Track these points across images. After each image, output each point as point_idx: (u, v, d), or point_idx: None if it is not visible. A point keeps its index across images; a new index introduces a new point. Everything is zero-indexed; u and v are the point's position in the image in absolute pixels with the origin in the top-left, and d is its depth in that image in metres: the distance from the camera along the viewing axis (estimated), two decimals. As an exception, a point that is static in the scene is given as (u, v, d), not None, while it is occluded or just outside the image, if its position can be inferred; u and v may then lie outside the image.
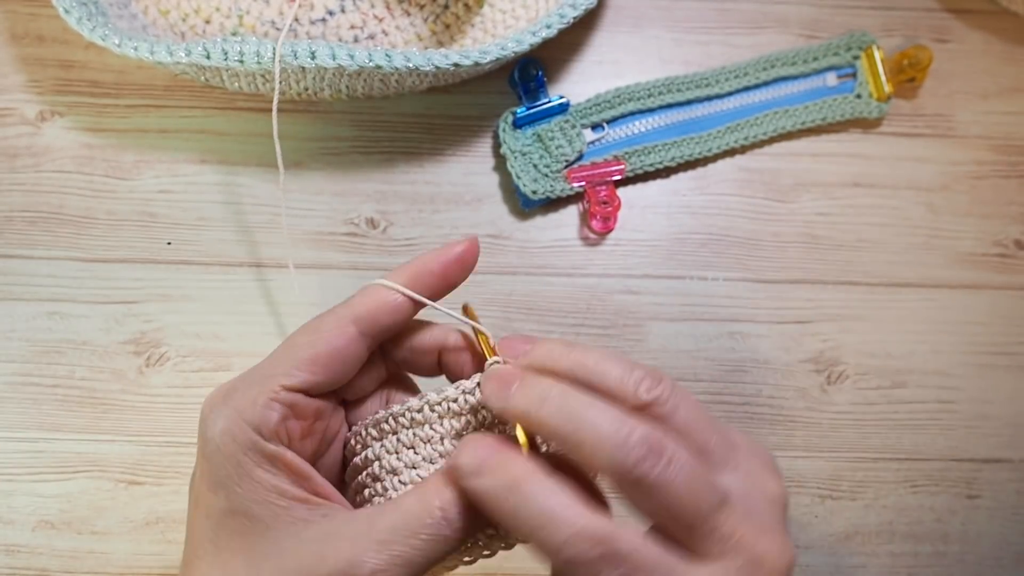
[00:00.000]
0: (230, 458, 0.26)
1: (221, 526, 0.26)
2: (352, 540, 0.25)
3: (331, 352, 0.28)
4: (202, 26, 0.49)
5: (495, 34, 0.51)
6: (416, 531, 0.25)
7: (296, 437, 0.28)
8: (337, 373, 0.28)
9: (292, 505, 0.26)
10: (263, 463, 0.26)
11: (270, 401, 0.26)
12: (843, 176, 0.51)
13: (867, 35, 0.51)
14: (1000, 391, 0.50)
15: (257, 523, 0.26)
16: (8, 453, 0.46)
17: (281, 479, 0.26)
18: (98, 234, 0.48)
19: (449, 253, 0.30)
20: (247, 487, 0.26)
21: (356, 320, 0.28)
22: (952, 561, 0.48)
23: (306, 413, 0.28)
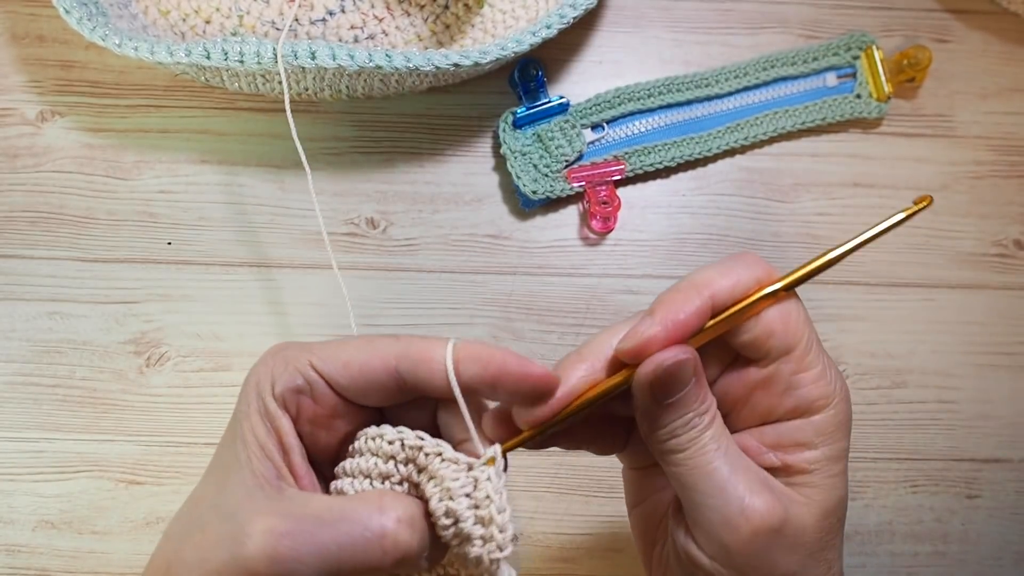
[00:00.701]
0: (247, 397, 0.28)
1: (221, 453, 0.28)
2: (281, 508, 0.26)
3: (364, 368, 0.28)
4: (202, 26, 0.49)
5: (495, 34, 0.51)
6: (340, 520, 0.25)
7: (307, 417, 0.28)
8: (361, 387, 0.28)
9: (265, 461, 0.27)
10: (264, 415, 0.27)
11: (295, 369, 0.28)
12: (843, 176, 0.51)
13: (867, 35, 0.51)
14: (1000, 391, 0.50)
15: (236, 463, 0.27)
16: (8, 453, 0.46)
17: (269, 438, 0.27)
18: (98, 234, 0.48)
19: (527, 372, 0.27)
20: (244, 425, 0.27)
21: (400, 357, 0.28)
22: (952, 561, 0.48)
23: (323, 402, 0.28)
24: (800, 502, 0.28)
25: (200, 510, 0.27)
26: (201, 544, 0.25)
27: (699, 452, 0.28)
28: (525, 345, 0.48)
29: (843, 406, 0.29)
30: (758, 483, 0.28)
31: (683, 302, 0.27)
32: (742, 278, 0.28)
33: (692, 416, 0.28)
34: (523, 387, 0.27)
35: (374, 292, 0.48)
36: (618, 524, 0.47)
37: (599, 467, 0.48)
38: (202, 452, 0.46)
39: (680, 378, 0.27)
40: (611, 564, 0.47)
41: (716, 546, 0.28)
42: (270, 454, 0.27)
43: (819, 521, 0.28)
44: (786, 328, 0.28)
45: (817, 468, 0.29)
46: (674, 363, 0.27)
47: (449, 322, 0.48)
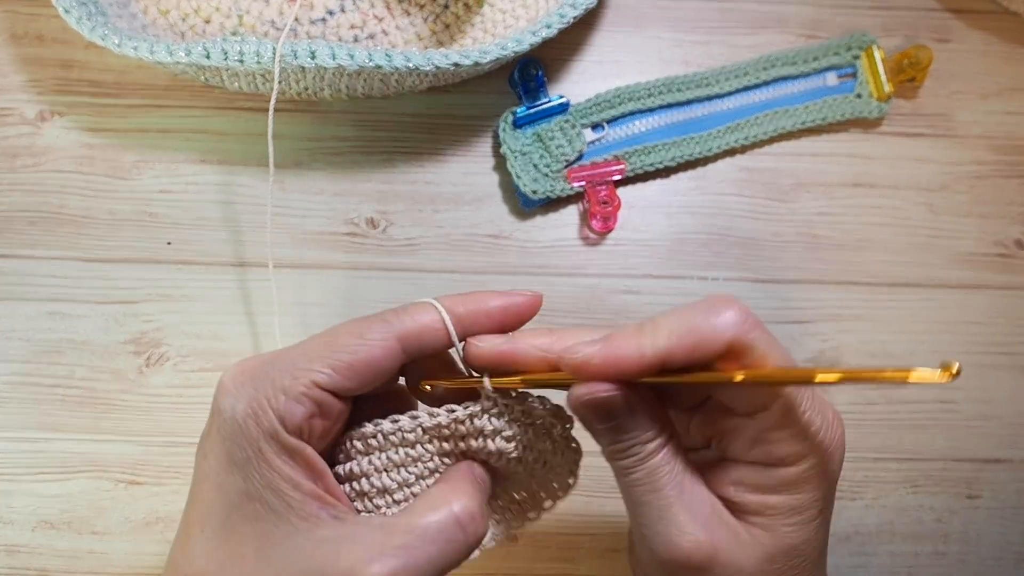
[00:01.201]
0: (252, 443, 0.26)
1: (235, 508, 0.26)
2: (366, 543, 0.25)
3: (370, 363, 0.27)
4: (202, 26, 0.49)
5: (495, 34, 0.51)
6: (432, 538, 0.26)
7: (317, 435, 0.27)
8: (368, 382, 0.28)
9: (306, 500, 0.26)
10: (282, 454, 0.26)
11: (301, 395, 0.26)
12: (843, 176, 0.51)
13: (867, 35, 0.51)
14: (1000, 391, 0.50)
15: (271, 513, 0.25)
16: (8, 453, 0.46)
17: (298, 473, 0.26)
18: (98, 234, 0.48)
19: (510, 300, 0.29)
20: (265, 474, 0.26)
21: (402, 337, 0.28)
22: (952, 561, 0.48)
23: (331, 413, 0.28)
24: (744, 542, 0.27)
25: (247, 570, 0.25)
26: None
27: (640, 480, 0.27)
28: (525, 345, 0.48)
29: (822, 460, 0.27)
30: (697, 517, 0.27)
31: (629, 351, 0.26)
32: (708, 340, 0.26)
33: (629, 445, 0.27)
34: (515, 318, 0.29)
35: (374, 292, 0.48)
36: (618, 524, 0.47)
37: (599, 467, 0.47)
38: (202, 452, 0.46)
39: (603, 412, 0.27)
40: (611, 564, 0.47)
41: (648, 568, 0.28)
42: (310, 491, 0.26)
43: (760, 564, 0.27)
44: (753, 396, 0.27)
45: (773, 514, 0.28)
46: (591, 399, 0.27)
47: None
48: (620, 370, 0.26)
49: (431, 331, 0.28)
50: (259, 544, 0.25)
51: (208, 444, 0.27)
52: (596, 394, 0.26)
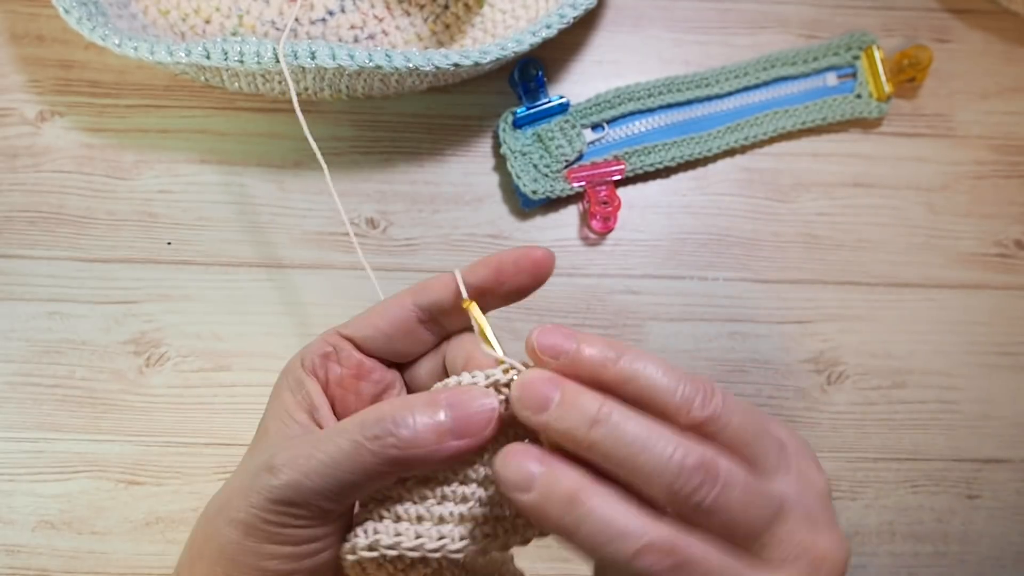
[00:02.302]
0: (280, 380, 0.30)
1: (259, 429, 0.30)
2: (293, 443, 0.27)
3: (384, 314, 0.30)
4: (202, 26, 0.49)
5: (495, 34, 0.51)
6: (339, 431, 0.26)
7: (335, 381, 0.30)
8: (386, 335, 0.30)
9: (292, 425, 0.29)
10: (292, 386, 0.30)
11: (323, 340, 0.30)
12: (843, 176, 0.51)
13: (867, 35, 0.51)
14: (1001, 391, 0.50)
15: (265, 434, 0.29)
16: (8, 453, 0.46)
17: (298, 404, 0.29)
18: (98, 234, 0.48)
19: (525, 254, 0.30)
20: (274, 402, 0.30)
21: (415, 293, 0.30)
22: (952, 561, 0.48)
23: (349, 362, 0.30)
24: None
25: (229, 481, 0.28)
26: (224, 494, 0.27)
27: None
28: (525, 345, 0.48)
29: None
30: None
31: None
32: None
33: None
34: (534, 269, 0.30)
35: (374, 292, 0.48)
36: (618, 524, 0.47)
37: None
38: (202, 452, 0.46)
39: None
40: (611, 564, 0.47)
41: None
42: (298, 417, 0.29)
43: None
44: None
45: None
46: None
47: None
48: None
49: (438, 281, 0.30)
50: (247, 459, 0.29)
51: None
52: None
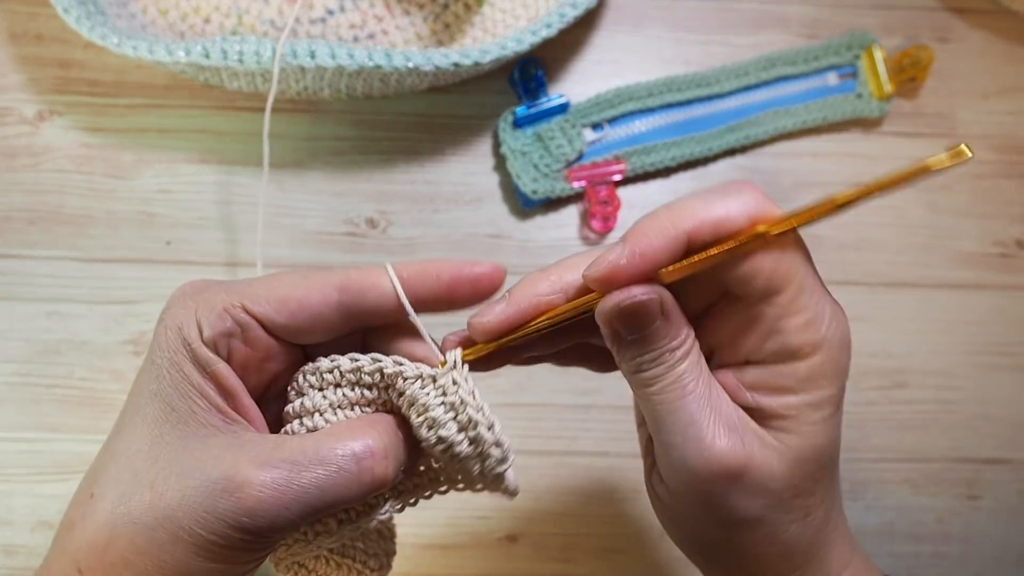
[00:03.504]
0: (170, 345, 0.26)
1: (142, 405, 0.27)
2: (252, 455, 0.25)
3: (303, 303, 0.27)
4: (201, 25, 0.49)
5: (495, 33, 0.50)
6: (324, 458, 0.25)
7: (239, 360, 0.27)
8: (300, 324, 0.27)
9: (209, 409, 0.26)
10: (194, 362, 0.26)
11: (224, 312, 0.27)
12: (844, 176, 0.51)
13: (868, 34, 0.51)
14: (1001, 391, 0.50)
15: (172, 412, 0.26)
16: (7, 453, 0.46)
17: (207, 384, 0.26)
18: (97, 234, 0.48)
19: (463, 268, 0.28)
20: (173, 376, 0.26)
21: (341, 289, 0.28)
22: (953, 562, 0.48)
23: (257, 345, 0.27)
24: (772, 447, 0.27)
25: (136, 466, 0.26)
26: (158, 504, 0.24)
27: (667, 388, 0.27)
28: (525, 345, 0.48)
29: (833, 353, 0.27)
30: (725, 425, 0.27)
31: (656, 234, 0.26)
32: (731, 213, 0.26)
33: (659, 352, 0.27)
34: (478, 287, 0.28)
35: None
36: (618, 524, 0.47)
37: (599, 467, 0.48)
38: (201, 452, 0.46)
39: (642, 318, 0.26)
40: (611, 564, 0.47)
41: (675, 484, 0.28)
42: (213, 400, 0.26)
43: (790, 468, 0.27)
44: (775, 270, 0.26)
45: (795, 414, 0.27)
46: (632, 304, 0.26)
47: (449, 321, 0.48)
48: (651, 261, 0.26)
49: (375, 289, 0.28)
50: (153, 441, 0.26)
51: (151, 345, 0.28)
52: (636, 298, 0.26)
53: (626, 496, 0.47)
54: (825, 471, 0.28)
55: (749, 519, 0.27)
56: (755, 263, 0.26)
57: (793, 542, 0.28)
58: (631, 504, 0.47)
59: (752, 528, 0.27)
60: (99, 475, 0.26)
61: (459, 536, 0.46)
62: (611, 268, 0.26)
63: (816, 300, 0.27)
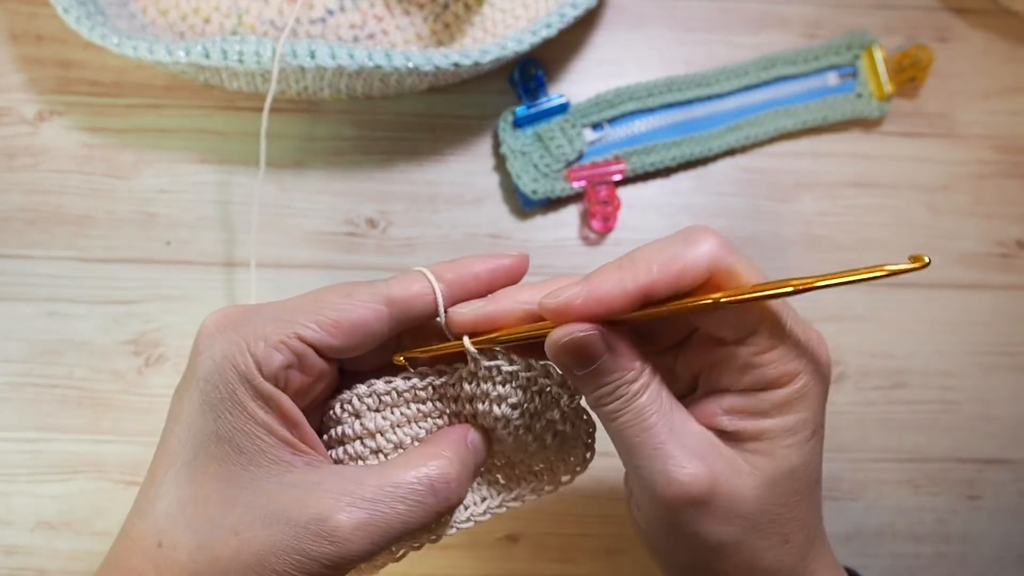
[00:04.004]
0: (226, 383, 0.26)
1: (203, 448, 0.26)
2: (336, 493, 0.25)
3: (356, 322, 0.27)
4: (201, 25, 0.49)
5: (495, 33, 0.50)
6: (403, 496, 0.26)
7: (295, 388, 0.27)
8: (355, 344, 0.28)
9: (278, 445, 0.26)
10: (257, 398, 0.26)
11: (280, 343, 0.26)
12: (844, 176, 0.51)
13: (868, 34, 0.51)
14: (1002, 391, 0.49)
15: (240, 455, 0.26)
16: (7, 454, 0.46)
17: (271, 418, 0.26)
18: (97, 234, 0.48)
19: (498, 263, 0.29)
20: (237, 416, 0.26)
21: (390, 302, 0.28)
22: (953, 562, 0.48)
23: (312, 370, 0.27)
24: (743, 471, 0.27)
25: (211, 512, 0.25)
26: (247, 549, 0.24)
27: (629, 422, 0.27)
28: (525, 345, 0.48)
29: (809, 379, 0.27)
30: (691, 451, 0.27)
31: (613, 286, 0.26)
32: (689, 266, 0.26)
33: (615, 387, 0.27)
34: (511, 278, 0.29)
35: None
36: (618, 524, 0.47)
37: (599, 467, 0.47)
38: (201, 453, 0.46)
39: (584, 354, 0.26)
40: (611, 564, 0.47)
41: (648, 511, 0.28)
42: (281, 436, 0.26)
43: (761, 491, 0.27)
44: (741, 319, 0.27)
45: (771, 437, 0.27)
46: (572, 340, 0.26)
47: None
48: (604, 308, 0.26)
49: (420, 298, 0.28)
50: (224, 485, 0.25)
51: (184, 386, 0.27)
52: (575, 335, 0.26)
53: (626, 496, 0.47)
54: (801, 496, 0.28)
55: (723, 545, 0.27)
56: (720, 314, 0.27)
57: (772, 569, 0.28)
58: (631, 504, 0.47)
59: (728, 555, 0.28)
60: (164, 523, 0.26)
61: (459, 536, 0.46)
62: (565, 304, 0.26)
63: (790, 332, 0.27)
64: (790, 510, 0.28)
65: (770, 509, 0.27)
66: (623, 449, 0.28)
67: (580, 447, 0.32)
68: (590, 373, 0.27)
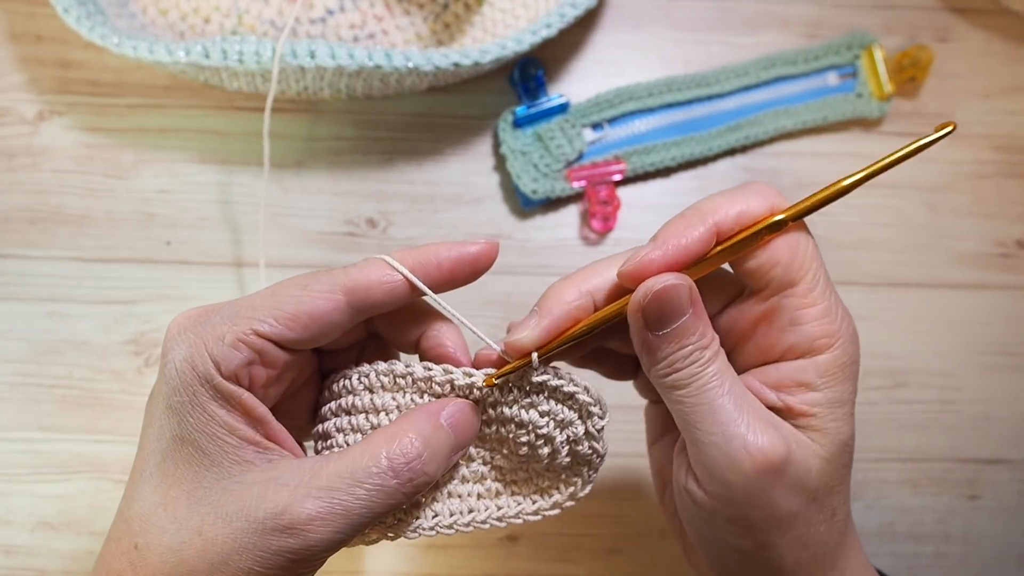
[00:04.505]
0: (187, 386, 0.26)
1: (169, 451, 0.26)
2: (294, 486, 0.25)
3: (314, 314, 0.27)
4: (201, 25, 0.49)
5: (495, 33, 0.50)
6: (360, 480, 0.25)
7: (260, 383, 0.27)
8: (314, 335, 0.28)
9: (241, 445, 0.26)
10: (218, 398, 0.26)
11: (237, 342, 0.26)
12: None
13: (868, 34, 0.51)
14: (1002, 391, 0.49)
15: (204, 456, 0.26)
16: (6, 454, 0.46)
17: (235, 418, 0.26)
18: (97, 234, 0.48)
19: (463, 251, 0.29)
20: (198, 418, 0.26)
21: (348, 291, 0.27)
22: (953, 562, 0.48)
23: (275, 363, 0.27)
24: (805, 443, 0.28)
25: (178, 514, 0.26)
26: (210, 549, 0.25)
27: (701, 388, 0.27)
28: (525, 345, 0.48)
29: (848, 347, 0.28)
30: (762, 421, 0.27)
31: (686, 227, 0.27)
32: (751, 206, 0.27)
33: (691, 349, 0.27)
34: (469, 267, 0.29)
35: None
36: (618, 524, 0.47)
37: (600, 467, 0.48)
38: (201, 453, 0.46)
39: (674, 305, 0.26)
40: (611, 564, 0.47)
41: (717, 484, 0.28)
42: (244, 435, 0.26)
43: (823, 464, 0.28)
44: (792, 260, 0.27)
45: (820, 411, 0.28)
46: (664, 288, 0.26)
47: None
48: (683, 253, 0.27)
49: (380, 286, 0.28)
50: (191, 487, 0.26)
51: (154, 390, 0.27)
52: (667, 283, 0.26)
53: (626, 496, 0.47)
54: (847, 469, 0.29)
55: (788, 517, 0.27)
56: (773, 253, 0.27)
57: (821, 544, 0.28)
58: (631, 504, 0.47)
59: (787, 528, 0.28)
60: (138, 526, 0.26)
61: (459, 536, 0.46)
62: (645, 262, 0.27)
63: (829, 294, 0.28)
64: (840, 482, 0.29)
65: (828, 482, 0.28)
66: (692, 419, 0.27)
67: (586, 470, 0.31)
68: (670, 333, 0.27)
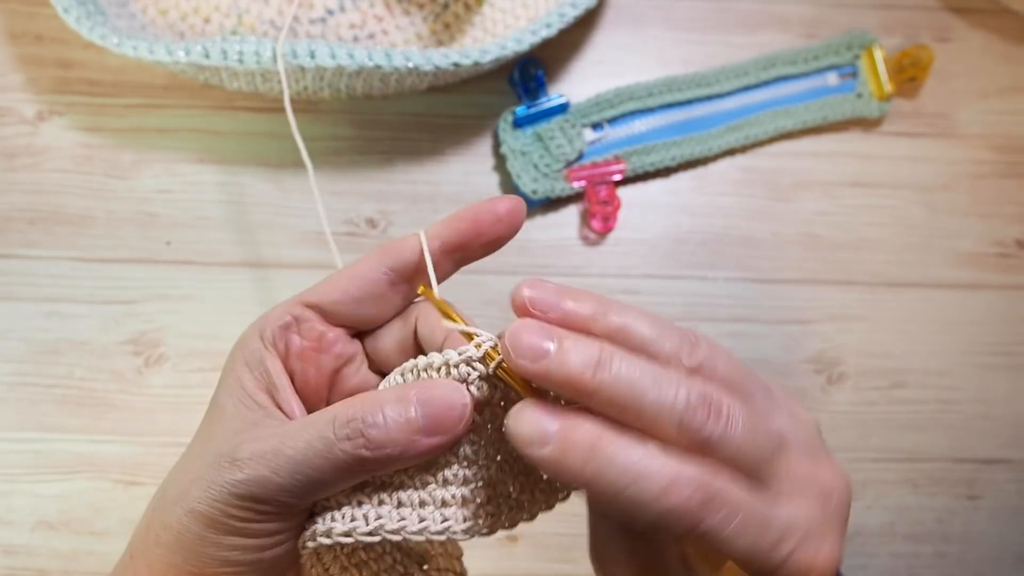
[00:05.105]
0: (231, 355, 0.28)
1: (207, 412, 0.29)
2: (255, 434, 0.26)
3: (353, 277, 0.28)
4: (201, 25, 0.49)
5: (495, 33, 0.50)
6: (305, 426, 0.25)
7: (295, 353, 0.29)
8: (356, 297, 0.29)
9: (252, 406, 0.27)
10: (249, 360, 0.28)
11: (283, 310, 0.28)
12: (843, 176, 0.51)
13: (868, 34, 0.51)
14: (1000, 391, 0.49)
15: (221, 412, 0.28)
16: (6, 453, 0.46)
17: (253, 381, 0.28)
18: (97, 234, 0.48)
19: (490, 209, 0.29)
20: (226, 382, 0.28)
21: (383, 253, 0.29)
22: (953, 562, 0.48)
23: (310, 335, 0.29)
24: None
25: (184, 463, 0.28)
26: (182, 485, 0.26)
27: None
28: (525, 345, 0.48)
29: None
30: None
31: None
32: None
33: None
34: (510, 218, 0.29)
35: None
36: (618, 525, 0.47)
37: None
38: (201, 452, 0.46)
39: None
40: (611, 565, 0.47)
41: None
42: (258, 398, 0.28)
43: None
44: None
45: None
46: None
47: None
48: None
49: (413, 248, 0.29)
50: (204, 439, 0.28)
51: None
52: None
53: (626, 496, 0.47)
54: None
55: None
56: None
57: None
58: (631, 504, 0.47)
59: None
60: (166, 480, 0.29)
61: (459, 536, 0.46)
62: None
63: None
64: None
65: None
66: None
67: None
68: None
